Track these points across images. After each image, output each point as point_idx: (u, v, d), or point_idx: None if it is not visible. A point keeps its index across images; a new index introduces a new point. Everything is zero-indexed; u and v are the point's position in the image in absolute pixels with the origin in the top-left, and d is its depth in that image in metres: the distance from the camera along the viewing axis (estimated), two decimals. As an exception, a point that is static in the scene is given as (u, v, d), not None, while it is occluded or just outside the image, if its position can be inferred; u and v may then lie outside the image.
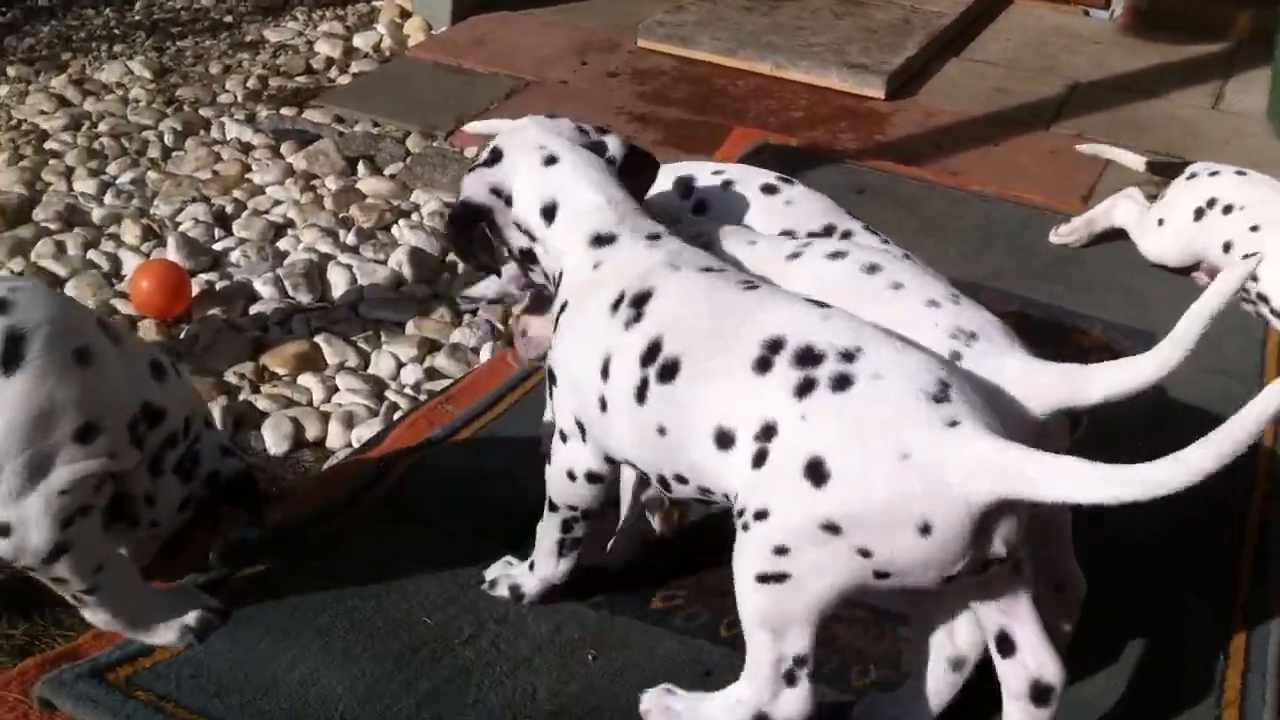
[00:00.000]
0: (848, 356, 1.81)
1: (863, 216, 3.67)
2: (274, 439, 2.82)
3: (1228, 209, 3.41)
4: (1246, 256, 3.19)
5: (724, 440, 1.85)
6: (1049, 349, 2.82)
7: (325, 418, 2.91)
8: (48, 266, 3.33)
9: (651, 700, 2.01)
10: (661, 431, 1.93)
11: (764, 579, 1.82)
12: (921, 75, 4.93)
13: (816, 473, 1.76)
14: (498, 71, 4.69)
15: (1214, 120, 4.72)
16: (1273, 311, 3.31)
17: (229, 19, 5.12)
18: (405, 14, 5.16)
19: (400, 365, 3.11)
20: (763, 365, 1.84)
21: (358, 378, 3.04)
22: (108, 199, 3.71)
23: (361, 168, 4.00)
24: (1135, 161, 3.80)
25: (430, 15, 5.10)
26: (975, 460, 1.72)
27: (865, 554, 1.76)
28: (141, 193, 3.75)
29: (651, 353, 1.94)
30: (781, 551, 1.80)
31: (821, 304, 1.94)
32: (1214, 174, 3.50)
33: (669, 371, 1.92)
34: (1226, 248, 3.38)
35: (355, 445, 2.81)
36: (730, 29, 4.99)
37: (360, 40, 4.95)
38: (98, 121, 4.13)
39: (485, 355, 3.15)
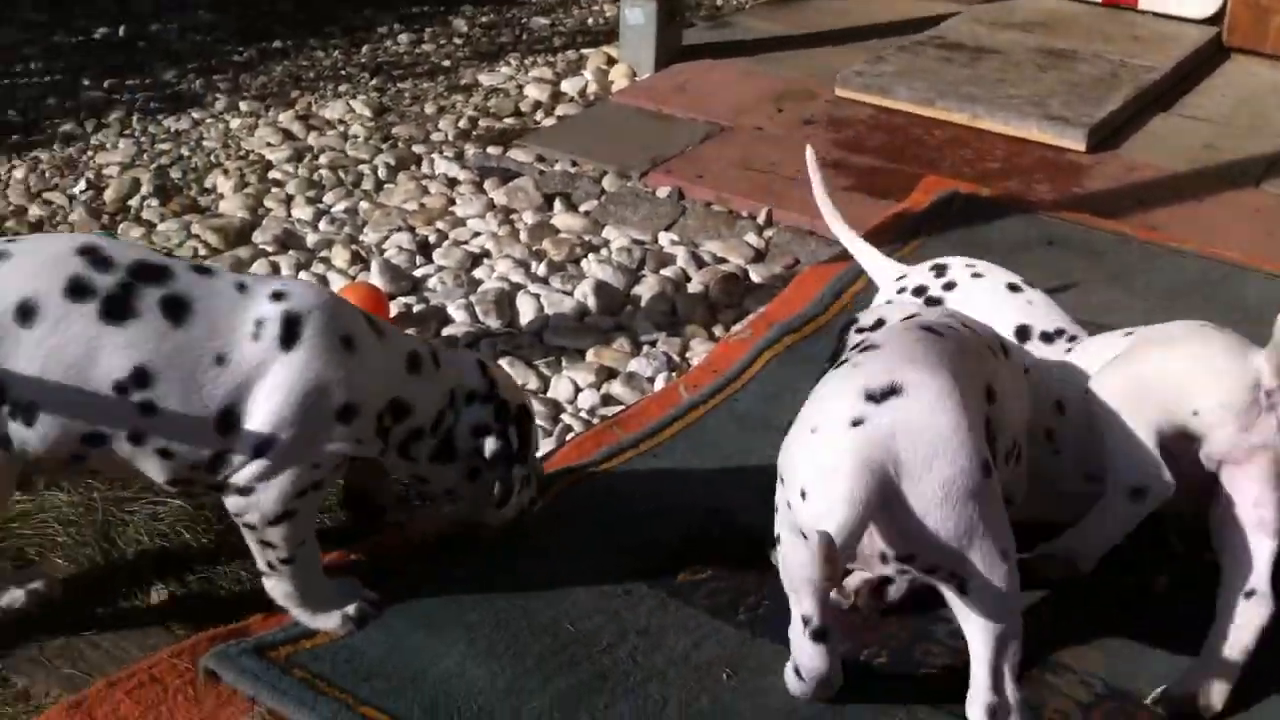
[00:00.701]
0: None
1: (1051, 267, 3.67)
2: (453, 452, 2.97)
3: None
4: None
5: None
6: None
7: (503, 435, 3.04)
8: (262, 284, 3.58)
9: None
10: None
11: (773, 543, 2.07)
12: (1126, 130, 4.84)
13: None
14: (695, 117, 4.81)
15: None
16: None
17: (447, 63, 5.40)
18: (611, 61, 5.35)
19: (577, 390, 3.23)
20: None
21: (537, 400, 3.17)
22: (322, 225, 3.97)
23: (558, 204, 4.16)
24: None
25: (635, 63, 5.27)
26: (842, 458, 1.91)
27: (789, 506, 1.97)
28: (353, 221, 4.00)
29: None
30: (775, 510, 2.06)
31: None
32: None
33: None
34: None
35: (528, 462, 2.94)
36: (929, 79, 5.01)
37: (567, 85, 5.15)
38: (319, 154, 4.43)
39: (660, 384, 3.25)
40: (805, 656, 2.07)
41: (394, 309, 3.48)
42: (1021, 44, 5.45)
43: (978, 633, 1.99)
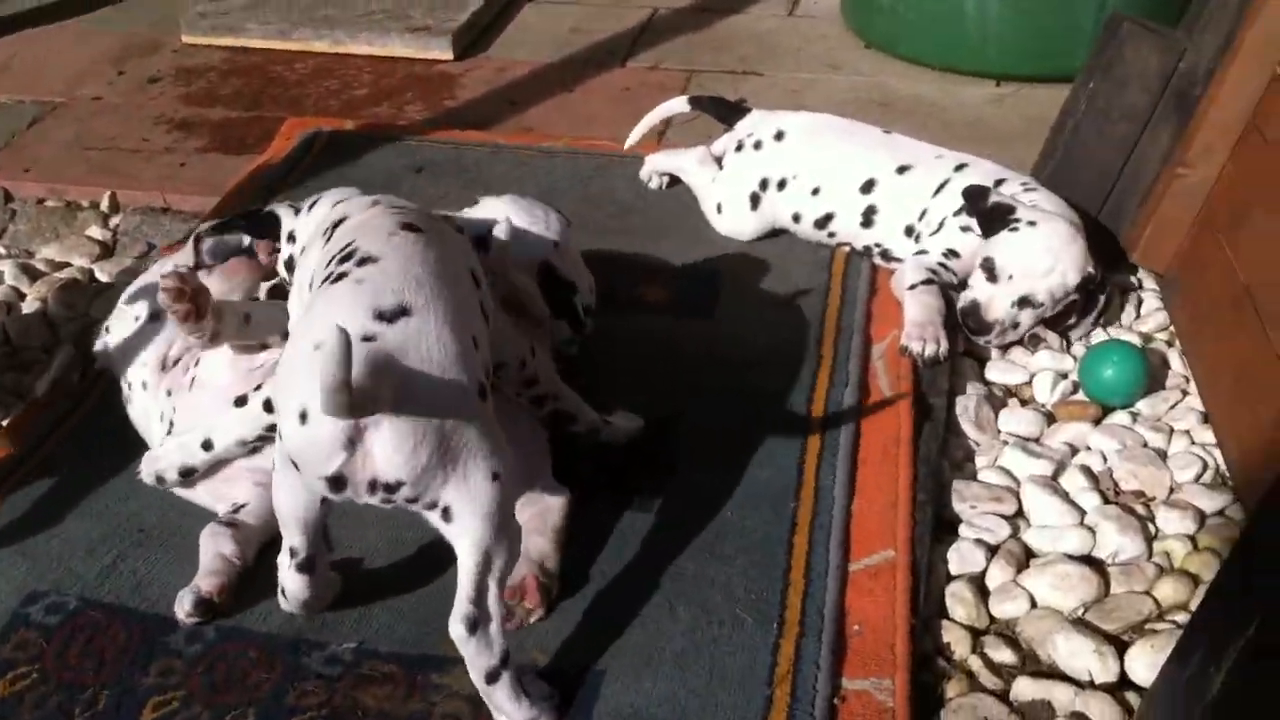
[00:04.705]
0: None
1: (423, 195, 3.44)
2: None
3: (782, 184, 3.21)
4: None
5: None
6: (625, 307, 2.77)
7: None
8: None
9: None
10: None
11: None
12: (495, 28, 4.66)
13: None
14: (22, 99, 4.18)
15: (789, 28, 4.61)
16: (884, 255, 3.17)
17: None
18: (-82, 48, 4.58)
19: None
20: None
21: None
22: None
23: None
24: (679, 105, 3.56)
25: (-56, 46, 4.54)
26: None
27: (280, 436, 1.92)
28: None
29: None
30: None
31: None
32: (758, 145, 3.26)
33: None
34: (797, 218, 3.23)
35: None
36: (280, 9, 4.60)
37: None
38: None
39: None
40: (291, 584, 2.11)
41: None
42: (380, -48, 5.13)
43: (465, 551, 1.93)
